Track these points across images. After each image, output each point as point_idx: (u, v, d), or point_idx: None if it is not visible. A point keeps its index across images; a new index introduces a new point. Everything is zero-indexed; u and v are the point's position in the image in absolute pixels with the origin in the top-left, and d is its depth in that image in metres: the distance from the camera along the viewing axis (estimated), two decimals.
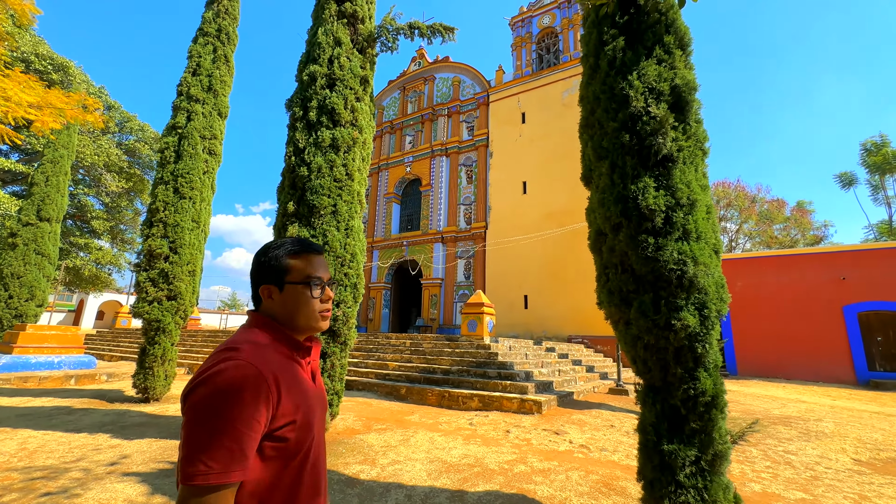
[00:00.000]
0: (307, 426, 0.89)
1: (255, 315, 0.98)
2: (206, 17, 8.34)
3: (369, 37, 5.66)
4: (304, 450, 0.89)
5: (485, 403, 6.91)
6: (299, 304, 0.97)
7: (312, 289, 0.98)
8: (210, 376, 0.80)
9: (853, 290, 12.84)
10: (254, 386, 0.80)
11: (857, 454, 4.79)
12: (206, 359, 0.86)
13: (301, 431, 0.87)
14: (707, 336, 2.59)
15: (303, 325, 0.98)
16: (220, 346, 0.88)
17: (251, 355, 0.84)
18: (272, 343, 0.92)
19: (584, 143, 3.40)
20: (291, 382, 0.88)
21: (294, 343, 0.97)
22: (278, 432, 0.83)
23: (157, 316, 6.73)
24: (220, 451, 0.75)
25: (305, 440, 0.89)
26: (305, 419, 0.89)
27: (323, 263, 1.03)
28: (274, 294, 0.97)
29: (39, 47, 19.32)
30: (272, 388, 0.83)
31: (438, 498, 3.30)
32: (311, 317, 0.98)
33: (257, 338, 0.91)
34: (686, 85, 2.93)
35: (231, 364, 0.81)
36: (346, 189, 5.02)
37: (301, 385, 0.92)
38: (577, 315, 14.45)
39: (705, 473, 2.53)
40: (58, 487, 3.28)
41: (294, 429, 0.86)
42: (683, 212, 2.72)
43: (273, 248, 1.00)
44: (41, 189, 12.61)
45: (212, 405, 0.77)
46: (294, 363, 0.94)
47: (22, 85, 6.05)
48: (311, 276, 0.99)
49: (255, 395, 0.80)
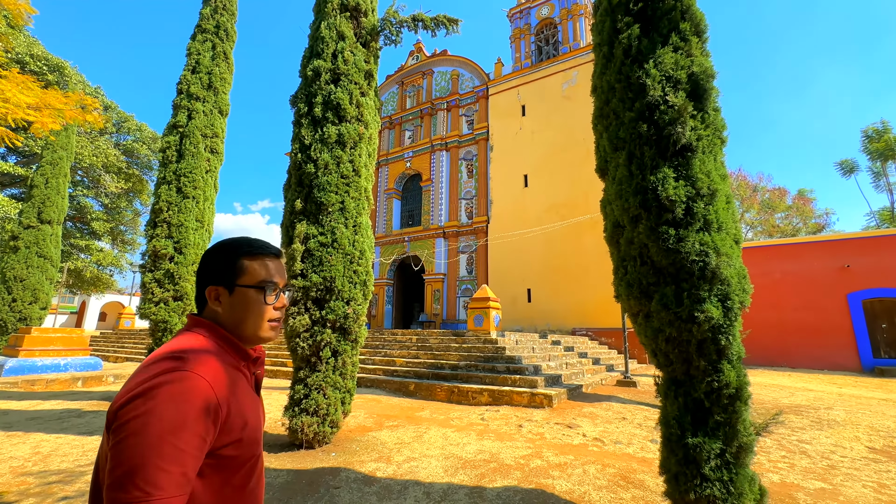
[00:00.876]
0: (252, 443, 0.82)
1: (197, 318, 0.90)
2: (204, 13, 8.23)
3: (372, 30, 5.57)
4: (247, 469, 0.82)
5: (494, 398, 6.90)
6: (249, 310, 0.89)
7: (267, 294, 0.90)
8: (151, 388, 0.70)
9: (857, 278, 12.82)
10: (202, 401, 0.72)
11: (872, 442, 4.78)
12: (138, 370, 0.77)
13: (245, 449, 0.81)
14: (730, 328, 2.56)
15: (249, 333, 0.90)
16: (159, 351, 0.79)
17: (198, 365, 0.76)
18: (218, 351, 0.84)
19: (599, 135, 3.34)
20: (238, 396, 0.81)
21: (242, 352, 0.89)
22: (222, 450, 0.76)
23: (163, 317, 6.70)
24: (160, 474, 0.65)
25: (249, 459, 0.82)
26: (251, 436, 0.82)
27: (281, 268, 0.95)
28: (222, 297, 0.89)
29: (34, 48, 19.14)
30: (221, 404, 0.75)
31: (457, 494, 3.29)
32: (259, 326, 0.90)
33: (203, 344, 0.83)
34: (704, 72, 2.88)
35: (176, 375, 0.72)
36: (354, 185, 4.97)
37: (247, 398, 0.85)
38: (580, 308, 14.45)
39: (730, 466, 2.51)
40: (75, 491, 3.26)
41: (239, 446, 0.79)
42: (704, 202, 2.68)
43: (226, 246, 0.92)
44: (41, 191, 12.53)
45: (151, 422, 0.67)
46: (240, 374, 0.86)
47: (20, 86, 5.99)
48: (266, 280, 0.90)
49: (203, 412, 0.71)
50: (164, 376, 0.72)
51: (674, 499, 2.65)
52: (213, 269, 0.90)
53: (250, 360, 0.91)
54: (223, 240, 0.95)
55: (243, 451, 0.80)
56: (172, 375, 0.72)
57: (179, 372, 0.73)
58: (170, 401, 0.69)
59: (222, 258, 0.90)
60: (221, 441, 0.76)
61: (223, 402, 0.76)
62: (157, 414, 0.68)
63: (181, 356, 0.76)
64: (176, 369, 0.73)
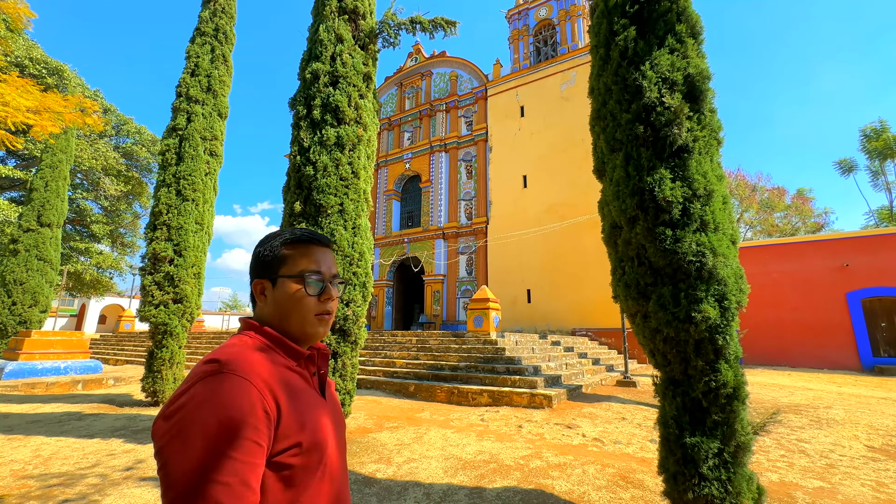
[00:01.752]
0: (317, 448, 0.74)
1: (246, 320, 0.84)
2: (203, 16, 8.25)
3: (371, 32, 5.59)
4: (316, 479, 0.74)
5: (494, 399, 6.91)
6: (292, 303, 0.82)
7: (307, 285, 0.82)
8: (192, 396, 0.65)
9: (856, 277, 12.84)
10: (247, 402, 0.66)
11: (870, 441, 4.79)
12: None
13: (309, 456, 0.73)
14: (728, 328, 2.58)
15: (295, 329, 0.82)
16: (203, 358, 0.74)
17: (240, 366, 0.70)
18: (266, 351, 0.78)
19: (596, 136, 3.36)
20: (293, 396, 0.74)
21: (293, 351, 0.81)
22: (280, 457, 0.69)
23: (163, 319, 6.71)
24: (217, 489, 0.59)
25: (317, 467, 0.74)
26: (314, 440, 0.74)
27: (327, 257, 0.88)
28: (267, 290, 0.83)
29: (33, 51, 19.16)
30: (269, 402, 0.69)
31: (457, 495, 3.30)
32: (305, 320, 0.82)
33: (248, 344, 0.78)
34: (700, 74, 2.90)
35: (217, 378, 0.67)
36: (353, 187, 4.99)
37: (306, 399, 0.78)
38: (580, 308, 14.46)
39: (728, 465, 2.52)
40: (76, 494, 3.27)
41: (300, 453, 0.72)
42: (700, 203, 2.70)
43: (268, 237, 0.87)
44: (41, 194, 12.55)
45: (198, 432, 0.62)
46: (295, 374, 0.80)
47: (20, 89, 6.01)
48: (308, 269, 0.83)
49: (250, 415, 0.65)
50: (204, 380, 0.67)
51: (672, 498, 2.66)
52: (257, 262, 0.85)
53: (304, 359, 0.83)
54: (273, 231, 0.91)
55: (306, 458, 0.73)
56: (212, 379, 0.67)
57: (220, 374, 0.68)
58: (212, 405, 0.64)
59: (265, 249, 0.85)
60: (278, 447, 0.69)
61: (272, 404, 0.69)
62: (199, 422, 0.63)
63: (220, 358, 0.71)
64: (215, 371, 0.68)
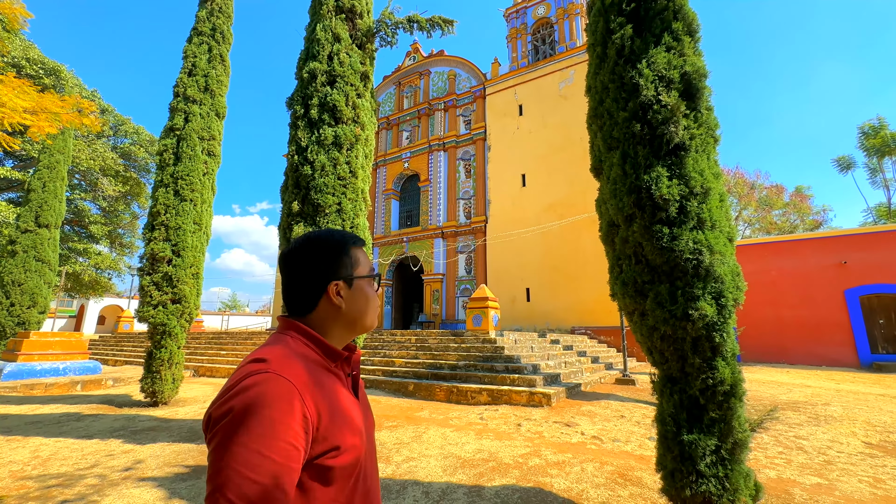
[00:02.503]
0: (354, 449, 0.75)
1: (286, 320, 0.85)
2: (200, 16, 8.23)
3: (368, 32, 5.59)
4: (352, 480, 0.75)
5: (493, 398, 6.92)
6: (367, 301, 0.88)
7: (377, 284, 0.92)
8: (235, 394, 0.67)
9: (854, 274, 12.87)
10: (287, 404, 0.67)
11: (868, 437, 4.81)
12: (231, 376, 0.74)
13: (347, 457, 0.74)
14: (724, 325, 2.59)
15: (368, 324, 0.89)
16: (247, 357, 0.76)
17: (283, 366, 0.71)
18: (308, 352, 0.80)
19: (593, 134, 3.37)
20: (332, 399, 0.76)
21: (333, 353, 0.83)
22: (320, 460, 0.70)
23: (162, 319, 6.71)
24: (250, 486, 0.61)
25: (353, 468, 0.75)
26: (352, 442, 0.75)
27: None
28: (343, 291, 0.85)
29: (30, 52, 19.11)
30: (309, 406, 0.70)
31: (456, 493, 3.31)
32: (374, 315, 0.90)
33: (290, 345, 0.79)
34: (696, 72, 2.90)
35: (259, 378, 0.68)
36: (351, 187, 4.99)
37: (343, 401, 0.78)
38: (579, 306, 14.47)
39: (726, 462, 2.53)
40: (75, 495, 3.27)
41: (339, 455, 0.72)
42: (697, 200, 2.70)
43: (335, 239, 0.88)
44: (38, 195, 12.52)
45: (238, 430, 0.64)
46: (332, 375, 0.81)
47: (16, 90, 5.99)
48: (372, 269, 0.91)
49: (290, 416, 0.66)
50: (247, 380, 0.68)
51: (670, 495, 2.67)
52: (328, 264, 0.86)
53: (342, 360, 0.85)
54: (321, 231, 0.91)
55: (346, 459, 0.73)
56: (255, 379, 0.68)
57: (262, 375, 0.69)
58: (253, 406, 0.65)
59: (337, 251, 0.87)
60: (318, 449, 0.70)
61: (312, 405, 0.70)
62: (239, 421, 0.64)
63: (263, 358, 0.72)
64: (258, 372, 0.69)
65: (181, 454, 4.33)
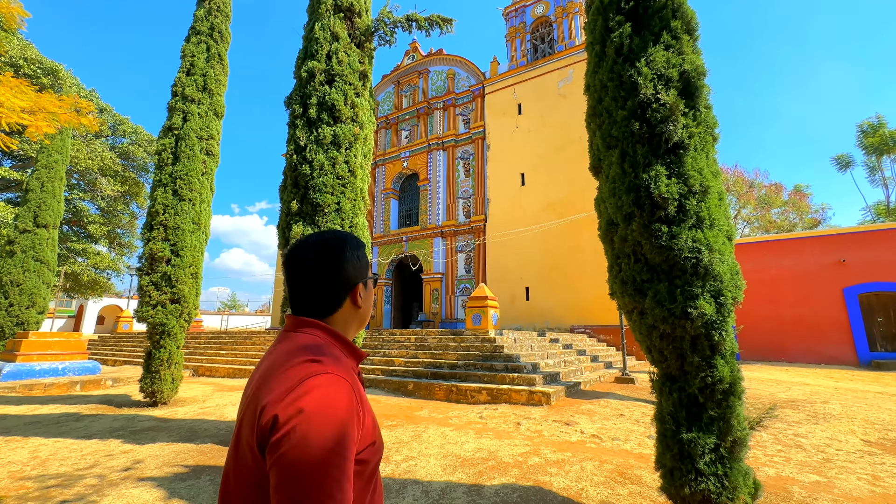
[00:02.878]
0: (381, 445, 0.79)
1: (303, 319, 0.84)
2: (198, 15, 8.21)
3: (366, 31, 5.58)
4: (377, 473, 0.79)
5: (493, 396, 6.92)
6: (371, 299, 0.94)
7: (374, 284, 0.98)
8: (302, 394, 0.65)
9: (853, 272, 12.88)
10: (352, 405, 0.68)
11: (867, 435, 4.82)
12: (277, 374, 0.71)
13: (378, 451, 0.77)
14: (723, 323, 2.59)
15: (365, 323, 0.94)
16: (296, 356, 0.74)
17: (337, 367, 0.72)
18: (339, 353, 0.80)
19: (592, 133, 3.36)
20: (362, 396, 0.77)
21: (356, 351, 0.86)
22: (361, 454, 0.71)
23: (161, 319, 6.70)
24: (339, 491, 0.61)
25: (378, 462, 0.78)
26: (379, 438, 0.79)
27: None
28: (361, 292, 0.89)
29: (28, 51, 19.05)
30: (361, 405, 0.72)
31: (455, 492, 3.31)
32: (371, 314, 0.95)
33: (328, 343, 0.80)
34: (695, 70, 2.90)
35: (322, 380, 0.67)
36: (349, 186, 4.98)
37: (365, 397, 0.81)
38: (578, 305, 14.48)
39: (725, 460, 2.53)
40: (74, 495, 3.27)
41: (374, 450, 0.75)
42: (696, 199, 2.70)
43: (353, 240, 0.91)
44: (37, 195, 12.49)
45: (313, 441, 0.62)
46: (356, 375, 0.83)
47: (14, 90, 5.97)
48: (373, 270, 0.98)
49: (353, 415, 0.67)
50: (315, 379, 0.67)
51: (669, 494, 2.67)
52: (355, 267, 0.88)
53: (361, 359, 0.89)
54: (341, 233, 0.91)
55: (375, 455, 0.76)
56: (322, 379, 0.67)
57: (324, 376, 0.68)
58: (329, 406, 0.65)
59: (360, 255, 0.91)
60: (362, 444, 0.71)
61: (360, 403, 0.72)
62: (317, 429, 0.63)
63: (319, 358, 0.72)
64: (322, 372, 0.69)
65: (181, 454, 4.33)
